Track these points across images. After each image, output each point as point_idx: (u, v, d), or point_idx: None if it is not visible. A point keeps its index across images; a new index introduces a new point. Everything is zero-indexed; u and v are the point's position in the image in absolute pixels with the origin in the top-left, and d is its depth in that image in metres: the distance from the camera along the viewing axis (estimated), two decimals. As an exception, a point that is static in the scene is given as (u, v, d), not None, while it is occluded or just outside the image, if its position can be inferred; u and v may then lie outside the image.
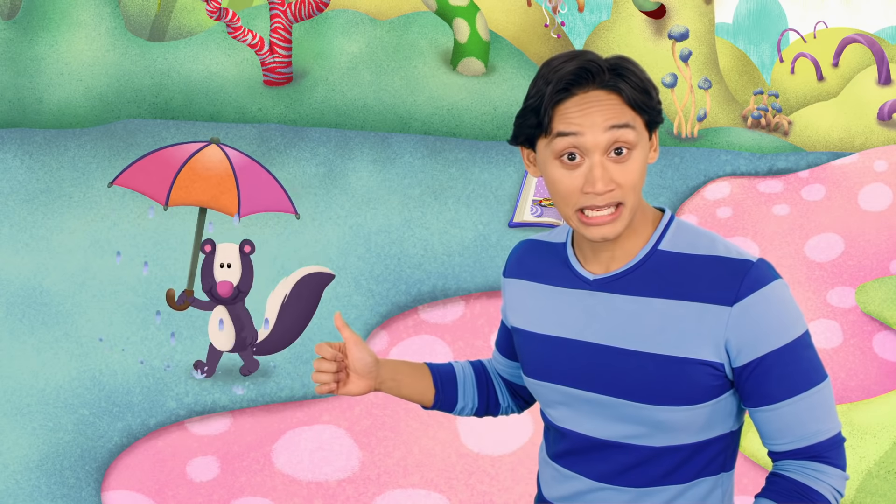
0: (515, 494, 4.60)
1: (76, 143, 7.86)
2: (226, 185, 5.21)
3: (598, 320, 1.73)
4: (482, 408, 2.07)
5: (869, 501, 4.44)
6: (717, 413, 1.72)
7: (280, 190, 5.45)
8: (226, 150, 5.37)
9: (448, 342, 5.73)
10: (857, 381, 5.71)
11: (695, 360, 1.66)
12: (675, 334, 1.66)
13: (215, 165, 5.26)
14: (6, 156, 7.54)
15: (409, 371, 1.99)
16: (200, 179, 5.21)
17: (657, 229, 1.74)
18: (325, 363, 1.87)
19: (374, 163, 7.84)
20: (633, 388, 1.69)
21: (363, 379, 1.91)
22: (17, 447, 4.55)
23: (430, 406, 2.04)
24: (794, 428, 1.68)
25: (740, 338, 1.65)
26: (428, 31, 8.99)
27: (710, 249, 1.70)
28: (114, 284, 6.07)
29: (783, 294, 1.67)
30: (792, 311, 1.67)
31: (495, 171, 7.74)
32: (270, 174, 5.46)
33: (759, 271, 1.66)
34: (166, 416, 4.89)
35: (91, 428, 4.74)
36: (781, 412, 1.67)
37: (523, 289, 1.88)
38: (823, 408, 1.69)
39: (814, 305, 6.32)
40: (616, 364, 1.71)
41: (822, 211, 7.17)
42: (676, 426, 1.70)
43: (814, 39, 13.38)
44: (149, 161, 5.33)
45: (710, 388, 1.68)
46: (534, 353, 1.84)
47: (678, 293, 1.68)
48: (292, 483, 4.60)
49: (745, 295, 1.64)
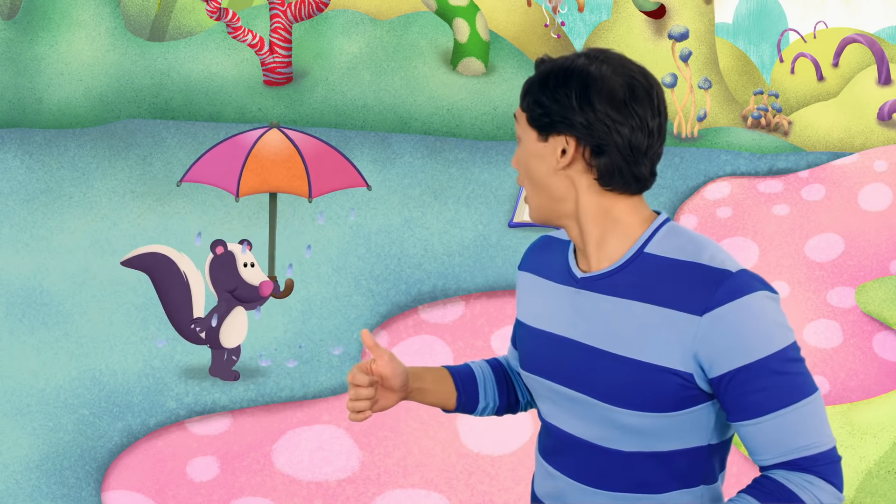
0: (515, 494, 4.60)
1: (76, 143, 7.86)
2: (294, 168, 5.17)
3: (584, 319, 1.74)
4: (503, 405, 2.06)
5: (869, 501, 4.44)
6: (690, 424, 1.69)
7: (348, 165, 5.38)
8: (287, 132, 5.33)
9: (448, 342, 5.73)
10: (857, 381, 5.71)
11: (662, 368, 1.64)
12: (647, 340, 1.65)
13: (280, 150, 5.22)
14: (6, 156, 7.54)
15: (432, 377, 1.98)
16: (268, 165, 5.18)
17: (646, 231, 1.73)
18: (364, 391, 1.84)
19: (374, 163, 7.85)
20: (604, 390, 1.70)
21: (395, 393, 1.90)
22: (17, 447, 4.55)
23: (453, 409, 2.02)
24: (778, 443, 1.63)
25: (711, 349, 1.61)
26: (428, 31, 8.99)
27: (693, 256, 1.68)
28: (114, 284, 6.07)
29: (761, 306, 1.62)
30: (770, 324, 1.61)
31: (495, 171, 7.74)
32: (335, 150, 5.39)
33: (734, 282, 1.62)
34: (166, 416, 4.89)
35: (91, 428, 4.74)
36: (763, 427, 1.63)
37: (530, 283, 1.90)
38: (811, 423, 1.62)
39: (814, 305, 6.32)
40: (592, 364, 1.71)
41: (822, 211, 7.17)
42: (644, 432, 1.69)
43: (814, 39, 13.38)
44: (214, 154, 5.31)
45: (680, 398, 1.66)
46: (528, 346, 1.87)
47: (654, 298, 1.66)
48: (292, 483, 4.60)
49: (715, 306, 1.61)
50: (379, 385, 1.88)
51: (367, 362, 1.88)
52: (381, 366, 1.86)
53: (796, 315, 6.25)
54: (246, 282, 5.08)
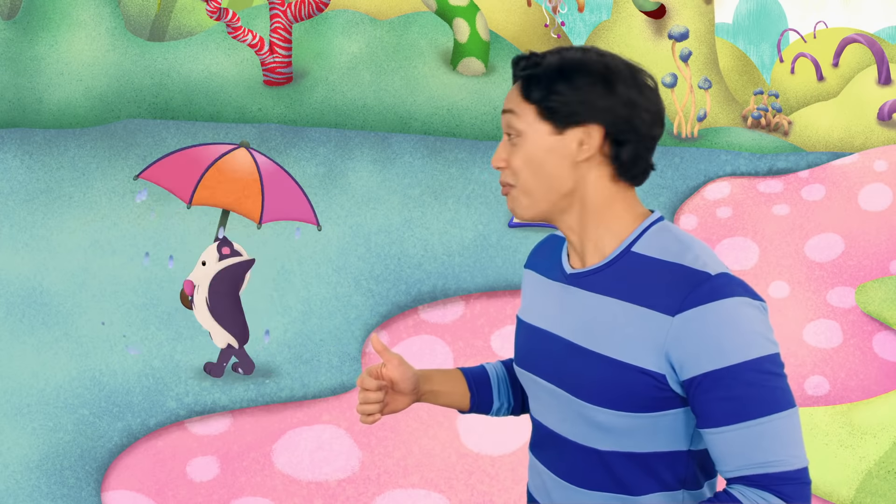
0: (515, 494, 4.60)
1: (76, 143, 7.86)
2: (251, 189, 5.19)
3: (569, 315, 1.75)
4: (518, 405, 2.06)
5: (869, 501, 4.44)
6: (665, 428, 1.67)
7: (304, 200, 5.40)
8: (255, 154, 5.34)
9: (448, 342, 5.73)
10: (857, 381, 5.72)
11: (635, 367, 1.63)
12: (622, 338, 1.65)
13: (243, 169, 5.23)
14: (6, 156, 7.54)
15: (445, 379, 1.99)
16: (227, 181, 5.19)
17: (636, 230, 1.72)
18: (373, 394, 1.85)
19: (374, 163, 7.85)
20: (580, 386, 1.70)
21: (406, 396, 1.91)
22: (17, 447, 4.55)
23: (468, 410, 2.02)
24: (740, 455, 1.58)
25: (681, 351, 1.59)
26: (428, 31, 8.99)
27: (676, 257, 1.66)
28: (114, 284, 6.07)
29: (737, 312, 1.58)
30: (745, 332, 1.57)
31: (495, 172, 7.74)
32: (296, 183, 5.42)
33: (711, 285, 1.59)
34: (166, 416, 4.89)
35: (91, 428, 4.74)
36: (725, 437, 1.58)
37: (533, 280, 1.92)
38: (780, 440, 1.56)
39: (814, 305, 6.32)
40: (570, 360, 1.72)
41: (822, 211, 7.17)
42: (618, 431, 1.68)
43: (814, 39, 13.38)
44: (177, 158, 5.31)
45: (653, 399, 1.64)
46: (520, 341, 1.88)
47: (633, 297, 1.66)
48: (292, 483, 4.60)
49: (688, 307, 1.59)
50: (389, 389, 1.88)
51: (376, 366, 1.89)
52: (391, 370, 1.87)
53: (796, 315, 6.25)
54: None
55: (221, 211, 5.27)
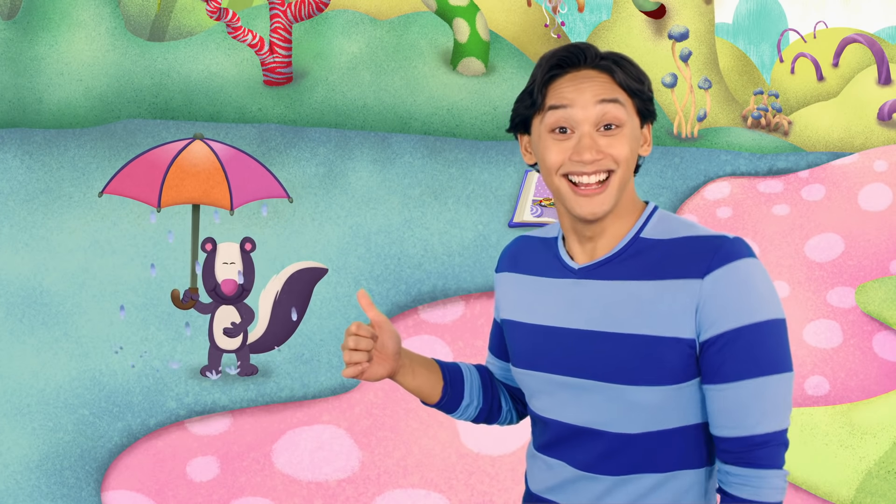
0: (515, 494, 4.60)
1: (76, 143, 7.86)
2: (215, 179, 5.21)
3: (581, 307, 1.77)
4: (486, 409, 2.06)
5: (869, 501, 4.44)
6: (687, 399, 1.72)
7: (269, 176, 5.43)
8: (210, 144, 5.36)
9: (448, 342, 5.73)
10: (857, 381, 5.71)
11: (669, 339, 1.67)
12: (652, 314, 1.69)
13: (202, 161, 5.26)
14: (6, 156, 7.54)
15: (422, 361, 1.98)
16: (189, 177, 5.21)
17: (640, 219, 1.79)
18: (364, 341, 1.81)
19: (374, 163, 7.85)
20: (606, 370, 1.72)
21: (387, 361, 1.88)
22: (17, 447, 4.55)
23: (436, 401, 2.00)
24: (736, 413, 1.66)
25: (708, 310, 1.65)
26: (428, 31, 8.99)
27: (688, 231, 1.74)
28: (114, 284, 6.07)
29: (755, 272, 1.67)
30: (763, 292, 1.66)
31: (495, 171, 7.74)
32: (258, 162, 5.45)
33: (732, 246, 1.67)
34: (166, 416, 4.89)
35: (91, 428, 4.74)
36: (727, 394, 1.66)
37: (515, 282, 1.92)
38: (772, 401, 1.66)
39: (814, 305, 6.32)
40: (593, 347, 1.74)
41: (822, 211, 7.17)
42: (648, 408, 1.71)
43: (814, 39, 13.38)
44: (135, 165, 5.33)
45: (681, 370, 1.69)
46: (521, 342, 1.88)
47: (655, 274, 1.71)
48: (292, 483, 4.60)
49: (716, 266, 1.66)
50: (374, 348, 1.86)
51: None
52: (378, 326, 1.86)
53: (796, 315, 6.25)
54: (219, 280, 5.13)
55: (192, 207, 5.29)
